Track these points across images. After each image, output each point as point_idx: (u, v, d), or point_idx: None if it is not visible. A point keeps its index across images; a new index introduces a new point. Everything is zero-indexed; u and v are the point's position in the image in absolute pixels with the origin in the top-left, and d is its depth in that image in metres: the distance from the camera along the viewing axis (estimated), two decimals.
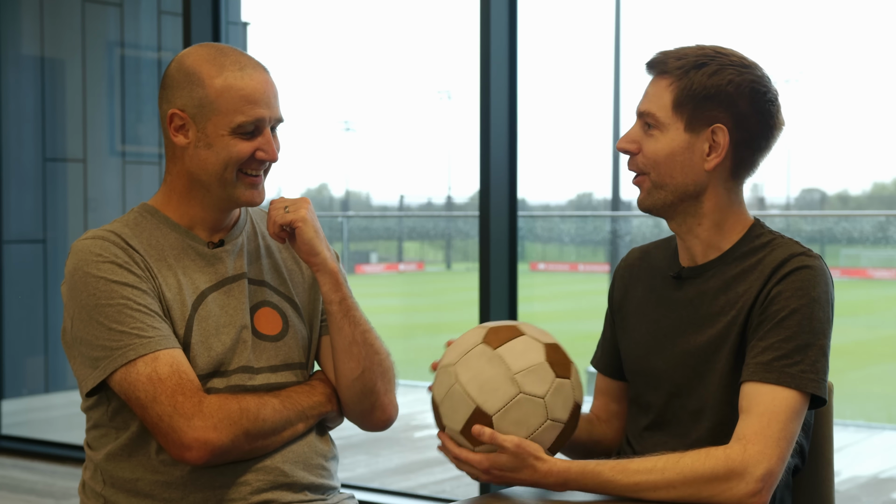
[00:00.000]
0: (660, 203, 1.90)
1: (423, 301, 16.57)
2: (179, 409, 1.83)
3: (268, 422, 1.91)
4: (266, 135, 1.94)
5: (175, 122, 1.95)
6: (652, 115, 1.88)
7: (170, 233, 1.99)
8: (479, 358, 1.76)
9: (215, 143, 1.92)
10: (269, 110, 1.93)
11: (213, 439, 1.84)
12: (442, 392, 1.78)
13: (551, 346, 1.79)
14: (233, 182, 1.94)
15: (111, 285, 1.88)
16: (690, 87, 1.85)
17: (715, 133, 1.86)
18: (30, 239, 6.13)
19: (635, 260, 2.08)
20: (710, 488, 1.72)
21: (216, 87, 1.91)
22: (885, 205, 17.48)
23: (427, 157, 22.27)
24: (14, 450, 5.64)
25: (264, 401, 1.92)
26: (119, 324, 1.86)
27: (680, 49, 1.90)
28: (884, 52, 19.77)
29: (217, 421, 1.85)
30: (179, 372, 1.86)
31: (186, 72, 1.94)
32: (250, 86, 1.92)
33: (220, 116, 1.91)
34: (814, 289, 1.81)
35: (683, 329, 1.91)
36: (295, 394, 1.99)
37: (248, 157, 1.93)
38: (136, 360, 1.85)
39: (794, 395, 1.76)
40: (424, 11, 24.21)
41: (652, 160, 1.88)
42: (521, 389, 1.73)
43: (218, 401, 1.87)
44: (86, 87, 6.17)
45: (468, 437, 1.75)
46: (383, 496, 4.67)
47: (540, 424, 1.74)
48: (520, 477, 1.75)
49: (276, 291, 2.05)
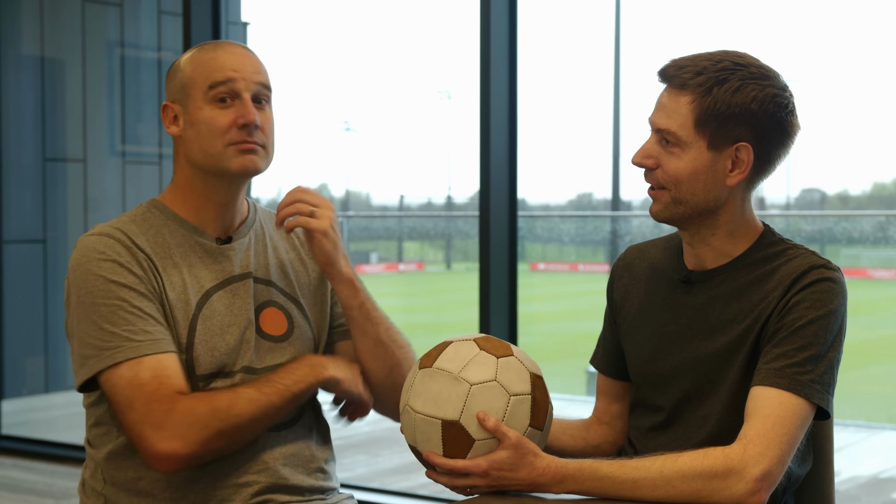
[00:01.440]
0: (677, 216, 1.88)
1: (423, 301, 16.57)
2: (151, 417, 1.83)
3: (244, 416, 1.88)
4: (245, 100, 1.94)
5: (168, 115, 1.99)
6: (673, 134, 1.83)
7: (177, 229, 1.99)
8: (422, 381, 1.76)
9: (196, 120, 1.94)
10: (241, 73, 1.94)
11: (179, 450, 1.83)
12: (410, 430, 1.78)
13: (482, 338, 1.80)
14: (221, 154, 1.94)
15: (109, 284, 1.88)
16: (714, 106, 1.80)
17: (738, 150, 1.83)
18: (30, 239, 6.13)
19: (634, 259, 2.07)
20: (709, 486, 1.71)
21: (192, 63, 1.97)
22: (885, 205, 17.48)
23: (427, 157, 22.26)
24: (14, 450, 5.64)
25: (238, 394, 1.89)
26: (111, 324, 1.86)
27: (695, 59, 1.85)
28: (884, 52, 19.76)
29: (186, 428, 1.83)
30: (160, 377, 1.84)
31: (174, 66, 2.01)
32: (222, 56, 1.96)
33: (195, 88, 1.95)
34: (832, 301, 1.81)
35: (692, 335, 1.91)
36: (275, 375, 1.95)
37: (229, 125, 1.93)
38: (122, 364, 1.85)
39: (801, 403, 1.76)
40: (424, 11, 24.19)
41: (673, 178, 1.85)
42: (470, 382, 1.73)
43: (188, 404, 1.84)
44: (86, 87, 6.17)
45: (455, 455, 1.74)
46: (383, 496, 4.67)
47: (506, 405, 1.73)
48: (518, 476, 1.73)
49: (282, 292, 2.05)
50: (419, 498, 4.66)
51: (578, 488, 1.75)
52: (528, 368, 1.78)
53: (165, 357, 1.87)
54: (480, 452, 1.73)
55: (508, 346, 1.80)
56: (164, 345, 1.88)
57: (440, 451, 1.74)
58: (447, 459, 1.74)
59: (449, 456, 1.74)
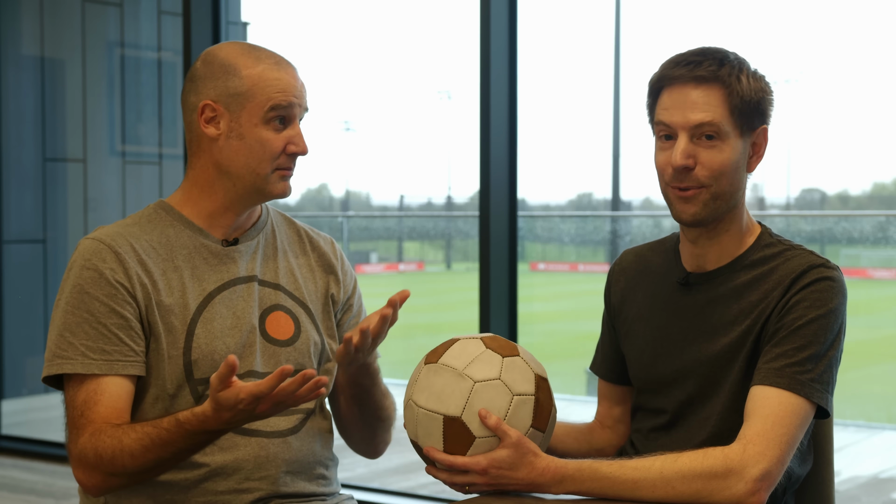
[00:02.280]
0: (716, 213, 1.86)
1: (423, 301, 16.56)
2: (69, 442, 1.88)
3: (136, 456, 1.80)
4: (296, 127, 1.96)
5: (206, 114, 1.95)
6: (715, 125, 1.82)
7: (183, 230, 1.98)
8: (427, 376, 1.77)
9: (247, 135, 1.93)
10: (298, 101, 1.96)
11: (85, 482, 1.86)
12: (412, 425, 1.79)
13: (488, 337, 1.80)
14: (266, 176, 1.95)
15: (83, 295, 1.89)
16: (744, 94, 1.83)
17: (758, 135, 1.87)
18: (30, 239, 6.12)
19: (631, 263, 2.06)
20: (708, 486, 1.71)
21: (252, 77, 1.93)
22: (885, 205, 17.48)
23: (427, 157, 22.26)
24: (14, 450, 5.64)
25: (122, 434, 1.81)
26: (72, 335, 1.88)
27: (696, 54, 1.86)
28: (884, 52, 19.77)
29: (83, 465, 1.85)
30: (88, 403, 1.85)
31: (221, 63, 1.95)
32: (285, 78, 1.95)
33: (255, 104, 1.92)
34: (832, 300, 1.81)
35: (693, 337, 1.91)
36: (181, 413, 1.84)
37: (280, 151, 1.94)
38: (71, 377, 1.88)
39: (801, 403, 1.76)
40: (424, 11, 24.20)
41: (718, 172, 1.83)
42: (474, 379, 1.73)
43: (84, 444, 1.84)
44: (86, 87, 6.17)
45: (455, 451, 1.74)
46: (383, 496, 4.67)
47: (508, 404, 1.73)
48: (518, 475, 1.73)
49: (290, 296, 2.04)
50: (419, 498, 4.66)
51: (578, 489, 1.74)
52: (534, 370, 1.78)
53: (108, 382, 1.87)
54: (481, 450, 1.73)
55: (515, 346, 1.80)
56: (118, 367, 1.87)
57: (441, 446, 1.74)
58: (447, 455, 1.74)
59: (449, 452, 1.74)
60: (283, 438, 1.97)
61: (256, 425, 1.94)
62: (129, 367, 1.88)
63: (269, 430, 1.96)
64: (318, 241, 2.14)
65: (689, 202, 1.85)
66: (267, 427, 1.96)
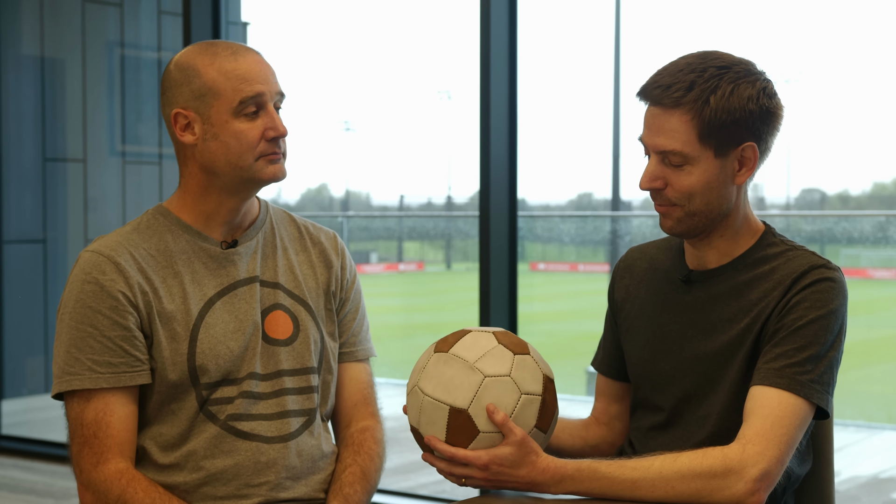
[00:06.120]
0: (696, 228, 1.86)
1: (423, 301, 16.56)
2: (80, 461, 1.90)
3: None
4: (270, 111, 1.93)
5: (180, 122, 1.94)
6: (678, 153, 1.80)
7: (181, 235, 1.98)
8: (436, 365, 1.77)
9: (221, 133, 1.91)
10: (267, 85, 1.93)
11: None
12: (415, 412, 1.78)
13: (500, 332, 1.80)
14: (251, 166, 1.93)
15: (86, 309, 1.90)
16: (714, 116, 1.78)
17: (744, 150, 1.83)
18: (30, 239, 6.12)
19: (635, 260, 2.07)
20: (707, 486, 1.71)
21: (212, 74, 1.92)
22: (885, 205, 17.46)
23: (427, 157, 22.25)
24: (14, 450, 5.64)
25: (156, 497, 1.89)
26: (78, 350, 1.89)
27: (677, 73, 1.80)
28: (884, 52, 19.76)
29: (98, 496, 1.89)
30: (100, 424, 1.88)
31: (182, 68, 1.95)
32: (244, 66, 1.92)
33: (221, 101, 1.91)
34: (833, 301, 1.81)
35: (692, 334, 1.91)
36: None
37: (258, 139, 1.92)
38: (76, 393, 1.89)
39: (801, 403, 1.76)
40: (424, 11, 24.20)
41: (687, 193, 1.83)
42: (485, 373, 1.73)
43: (109, 478, 1.88)
44: (86, 87, 6.17)
45: (457, 443, 1.74)
46: (383, 496, 4.67)
47: (516, 402, 1.73)
48: (518, 473, 1.73)
49: (289, 294, 2.04)
50: (419, 498, 4.66)
51: (577, 489, 1.75)
52: (542, 370, 1.78)
53: (116, 400, 1.89)
54: (482, 445, 1.73)
55: (526, 344, 1.80)
56: (125, 378, 1.89)
57: (443, 436, 1.74)
58: (449, 446, 1.74)
59: (450, 443, 1.74)
60: (283, 443, 1.97)
61: (256, 430, 1.94)
62: (135, 378, 1.90)
63: (268, 435, 1.96)
64: (318, 237, 2.13)
65: (665, 217, 1.87)
66: (266, 432, 1.96)
